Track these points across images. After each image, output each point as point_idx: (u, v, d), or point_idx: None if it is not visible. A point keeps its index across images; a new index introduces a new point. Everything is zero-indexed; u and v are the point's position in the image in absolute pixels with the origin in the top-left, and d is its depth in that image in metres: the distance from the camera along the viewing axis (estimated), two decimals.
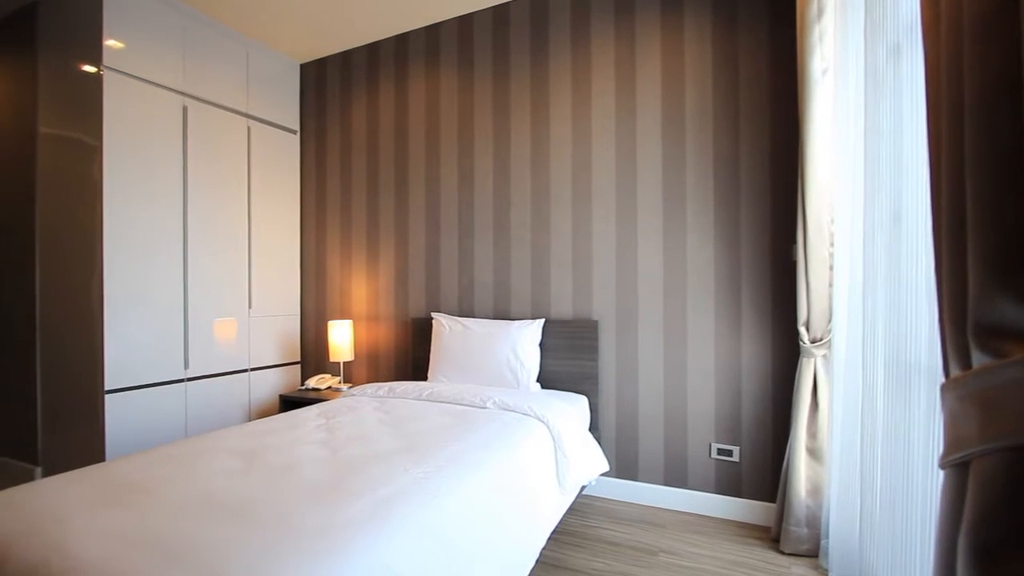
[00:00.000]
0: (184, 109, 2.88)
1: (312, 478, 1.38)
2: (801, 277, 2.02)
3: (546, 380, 2.70)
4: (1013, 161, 0.63)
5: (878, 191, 1.48)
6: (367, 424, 1.98)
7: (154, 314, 2.73)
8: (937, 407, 1.15)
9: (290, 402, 3.06)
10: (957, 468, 0.70)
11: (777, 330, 2.30)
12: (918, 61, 1.24)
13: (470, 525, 1.35)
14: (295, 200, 3.63)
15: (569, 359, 2.67)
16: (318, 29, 3.22)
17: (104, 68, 2.53)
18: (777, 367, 2.30)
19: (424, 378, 2.94)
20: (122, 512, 1.17)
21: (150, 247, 2.71)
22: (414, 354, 3.11)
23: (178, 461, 1.52)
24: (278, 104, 3.49)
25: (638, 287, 2.58)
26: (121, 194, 2.59)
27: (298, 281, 3.65)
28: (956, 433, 0.70)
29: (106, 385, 2.52)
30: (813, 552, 2.00)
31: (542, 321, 2.72)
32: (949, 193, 0.72)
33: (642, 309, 2.57)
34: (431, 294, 3.15)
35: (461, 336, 2.77)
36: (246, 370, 3.24)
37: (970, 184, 0.66)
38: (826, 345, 1.99)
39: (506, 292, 2.92)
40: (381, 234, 3.34)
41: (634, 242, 2.59)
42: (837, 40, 1.85)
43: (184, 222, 2.87)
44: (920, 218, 1.24)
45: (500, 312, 2.93)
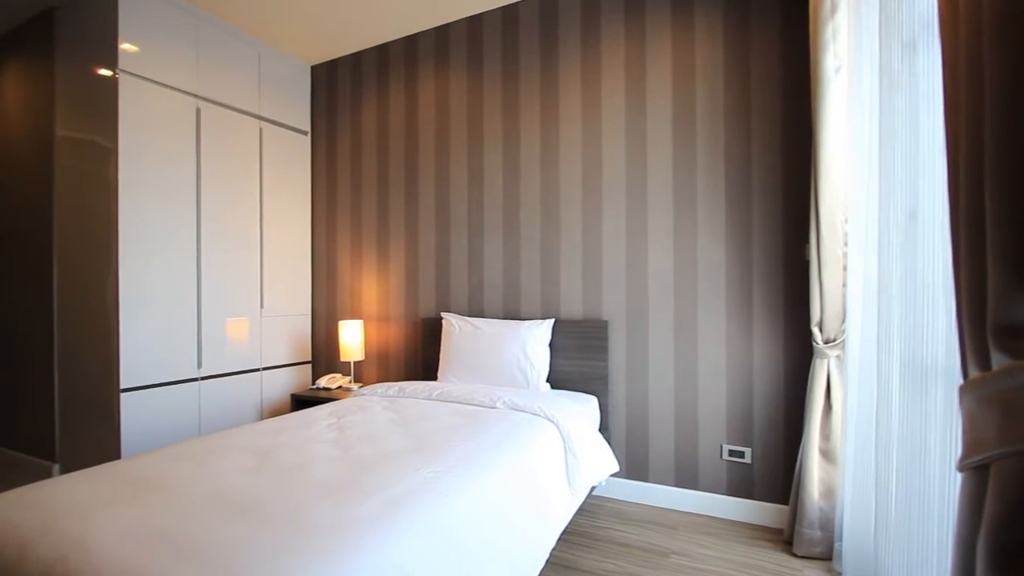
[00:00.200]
0: (197, 111, 2.92)
1: (323, 477, 1.39)
2: (814, 277, 2.00)
3: (556, 380, 2.70)
4: None
5: (893, 189, 1.46)
6: (377, 423, 1.99)
7: (168, 314, 2.76)
8: (955, 409, 1.13)
9: (301, 401, 3.09)
10: (976, 471, 0.69)
11: (789, 330, 2.28)
12: (935, 57, 1.22)
13: (480, 525, 1.35)
14: (306, 201, 3.66)
15: (579, 359, 2.67)
16: (329, 31, 3.24)
17: (119, 71, 2.57)
18: (789, 368, 2.28)
19: (434, 378, 2.95)
20: (137, 509, 1.19)
21: (164, 248, 2.75)
22: (424, 354, 3.12)
23: (192, 459, 1.54)
24: (289, 106, 3.52)
25: (648, 287, 2.57)
26: (136, 195, 2.62)
27: (309, 281, 3.68)
28: (975, 435, 0.69)
29: (121, 384, 2.55)
30: (827, 555, 1.98)
31: (552, 321, 2.71)
32: (967, 191, 0.71)
33: (652, 309, 2.56)
34: (441, 294, 3.16)
35: (471, 336, 2.78)
36: (258, 369, 3.27)
37: (989, 181, 0.65)
38: (840, 346, 1.97)
39: (516, 292, 2.92)
40: (391, 234, 3.36)
41: (644, 242, 2.58)
42: (851, 37, 1.83)
43: (197, 223, 2.91)
44: (937, 216, 1.22)
45: (510, 312, 2.93)
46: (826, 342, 2.00)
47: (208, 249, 2.96)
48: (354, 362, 3.32)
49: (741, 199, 2.38)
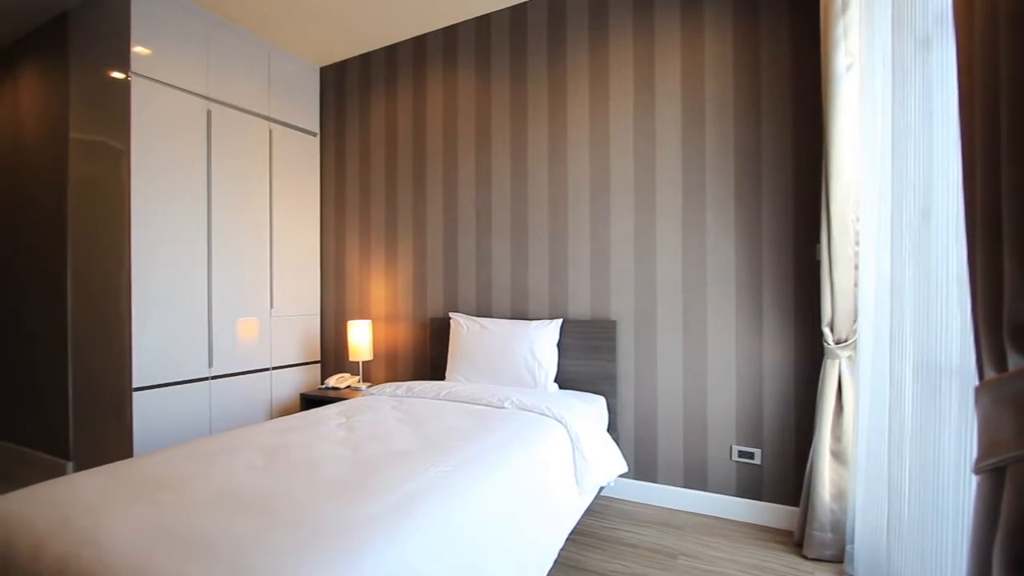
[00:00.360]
0: (208, 113, 2.95)
1: (333, 476, 1.40)
2: (825, 277, 1.98)
3: (564, 380, 2.69)
4: None
5: (906, 188, 1.44)
6: (386, 423, 1.99)
7: (180, 314, 2.79)
8: (970, 410, 1.11)
9: (311, 400, 3.11)
10: (992, 474, 0.68)
11: (800, 331, 2.26)
12: (949, 53, 1.20)
13: (488, 525, 1.35)
14: (315, 201, 3.69)
15: (587, 359, 2.66)
16: (337, 33, 3.26)
17: (132, 74, 2.60)
18: (800, 368, 2.25)
19: (442, 378, 2.95)
20: (149, 507, 1.20)
21: (176, 248, 2.78)
22: (432, 354, 3.13)
23: (203, 458, 1.56)
24: (299, 107, 3.55)
25: (657, 287, 2.56)
26: (148, 197, 2.65)
27: (318, 281, 3.70)
28: (991, 437, 0.68)
29: (134, 383, 2.58)
30: (838, 558, 1.95)
31: (560, 321, 2.71)
32: (983, 188, 0.69)
33: (661, 309, 2.55)
34: (449, 294, 3.17)
35: (479, 336, 2.78)
36: (268, 369, 3.30)
37: (1006, 179, 0.64)
38: (851, 346, 1.94)
39: (524, 292, 2.92)
40: (399, 234, 3.37)
41: (653, 241, 2.57)
42: (863, 34, 1.81)
43: (208, 224, 2.94)
44: (951, 215, 1.20)
45: (518, 312, 2.93)
46: (837, 342, 1.98)
47: (219, 249, 2.99)
48: (363, 362, 3.33)
49: (751, 198, 2.36)
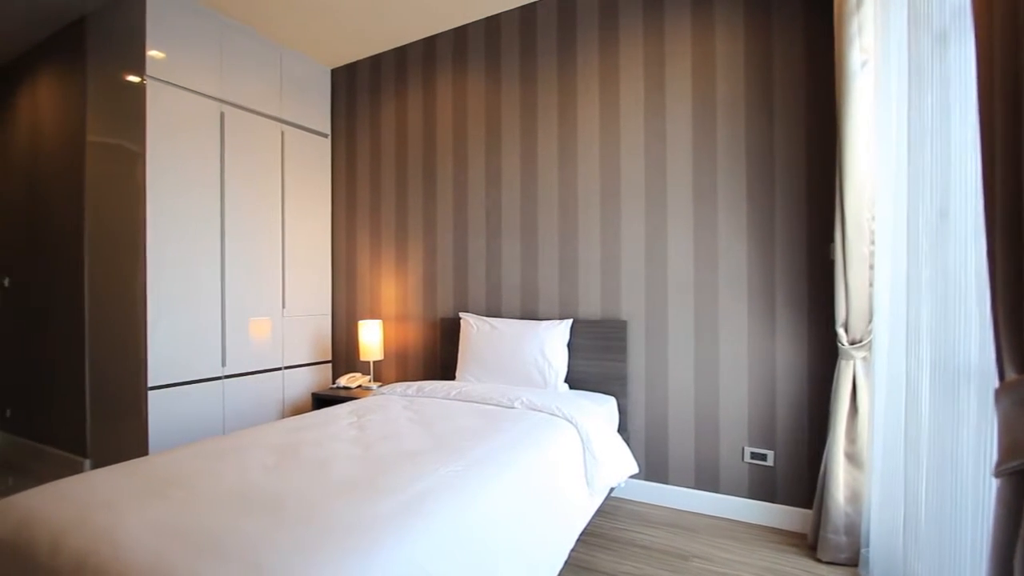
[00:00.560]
0: (221, 115, 2.98)
1: (344, 475, 1.41)
2: (839, 276, 1.96)
3: (574, 381, 2.68)
4: None
5: (923, 186, 1.42)
6: (397, 423, 2.00)
7: (194, 314, 2.83)
8: (990, 412, 1.09)
9: (322, 400, 3.13)
10: (1013, 477, 0.67)
11: (814, 331, 2.23)
12: (967, 49, 1.18)
13: (499, 525, 1.35)
14: (326, 202, 3.71)
15: (597, 359, 2.65)
16: (348, 34, 3.28)
17: (147, 78, 2.64)
18: (814, 369, 2.23)
19: (452, 377, 2.96)
20: (165, 504, 1.22)
21: (189, 249, 2.81)
22: (442, 354, 3.14)
23: (216, 456, 1.57)
24: (310, 108, 3.57)
25: (668, 287, 2.54)
26: (163, 198, 2.69)
27: (329, 282, 3.72)
28: (1012, 440, 0.67)
29: (149, 382, 2.62)
30: (852, 561, 1.93)
31: (570, 321, 2.70)
32: (1004, 186, 0.68)
33: (672, 309, 2.53)
34: (459, 294, 3.18)
35: (489, 336, 2.78)
36: (280, 368, 3.33)
37: None
38: (866, 347, 1.92)
39: (534, 292, 2.92)
40: (410, 235, 3.38)
41: (663, 241, 2.55)
42: (878, 30, 1.78)
43: (221, 225, 2.97)
44: (969, 213, 1.18)
45: (528, 312, 2.93)
46: (852, 343, 1.95)
47: (232, 250, 3.02)
48: (373, 361, 3.35)
49: (763, 197, 2.34)
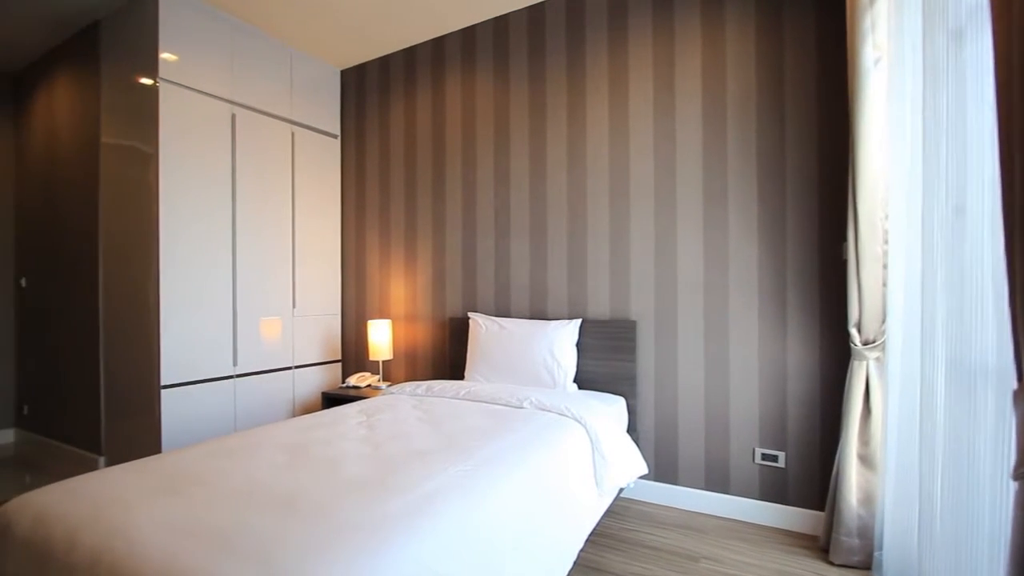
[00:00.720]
0: (233, 117, 3.01)
1: (355, 473, 1.42)
2: (852, 276, 1.93)
3: (583, 381, 2.68)
4: None
5: (938, 184, 1.40)
6: (407, 422, 2.01)
7: (206, 313, 2.86)
8: (1008, 414, 1.07)
9: (332, 399, 3.15)
10: None
11: (826, 331, 2.21)
12: (984, 45, 1.16)
13: (508, 525, 1.35)
14: (336, 202, 3.73)
15: (606, 359, 2.64)
16: (358, 36, 3.30)
17: (160, 80, 2.67)
18: (826, 370, 2.21)
19: (461, 377, 2.97)
20: (178, 501, 1.23)
21: (202, 249, 2.84)
22: (451, 353, 3.14)
23: (229, 454, 1.59)
24: (320, 109, 3.60)
25: (678, 286, 2.53)
26: (175, 199, 2.72)
27: (339, 281, 3.74)
28: None
29: (162, 381, 2.65)
30: (865, 564, 1.90)
31: (579, 321, 2.70)
32: (1023, 182, 0.67)
33: (682, 309, 2.52)
34: (468, 294, 3.18)
35: (498, 336, 2.78)
36: (290, 368, 3.35)
37: None
38: (880, 347, 1.89)
39: (543, 292, 2.91)
40: (419, 235, 3.39)
41: (673, 241, 2.54)
42: (891, 27, 1.76)
43: (233, 225, 3.00)
44: (986, 211, 1.16)
45: (536, 312, 2.93)
46: (865, 343, 1.93)
47: (243, 250, 3.05)
48: (382, 361, 3.36)
49: (774, 196, 2.32)
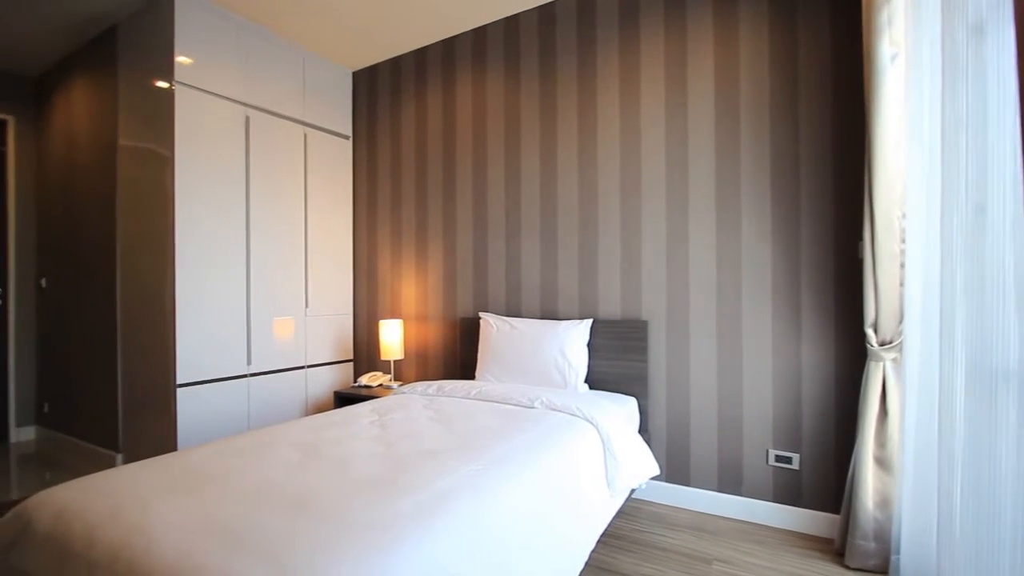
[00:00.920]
0: (247, 119, 3.04)
1: (367, 472, 1.42)
2: (868, 275, 1.91)
3: (594, 381, 2.67)
4: None
5: (958, 182, 1.37)
6: (418, 421, 2.02)
7: (220, 313, 2.89)
8: None
9: (344, 398, 3.17)
10: None
11: (841, 332, 2.18)
12: (1006, 40, 1.14)
13: (520, 524, 1.35)
14: (348, 203, 3.76)
15: (618, 360, 2.63)
16: (369, 38, 3.32)
17: (175, 83, 2.71)
18: (841, 371, 2.18)
19: (472, 377, 2.97)
20: (194, 498, 1.25)
21: (216, 250, 2.88)
22: (462, 353, 3.15)
23: (243, 452, 1.61)
24: (332, 111, 3.62)
25: (690, 286, 2.51)
26: (191, 201, 2.75)
27: (351, 282, 3.77)
28: None
29: (177, 379, 2.69)
30: (882, 568, 1.87)
31: (590, 321, 2.69)
32: None
33: (694, 309, 2.50)
34: (479, 294, 3.18)
35: (508, 336, 2.78)
36: (303, 367, 3.38)
37: None
38: (897, 348, 1.86)
39: (553, 292, 2.91)
40: (430, 235, 3.40)
41: (685, 240, 2.52)
42: (908, 22, 1.73)
43: (247, 226, 3.03)
44: (1008, 209, 1.14)
45: (547, 312, 2.92)
46: (881, 344, 1.90)
47: (257, 251, 3.08)
48: (394, 361, 3.38)
49: (788, 195, 2.29)
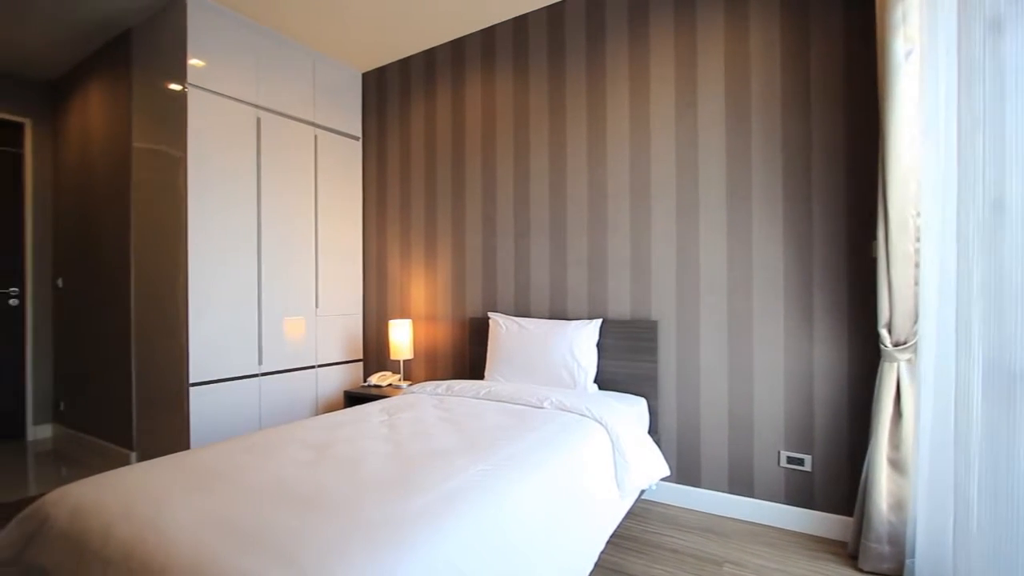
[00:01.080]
0: (258, 120, 3.07)
1: (378, 471, 1.43)
2: (882, 275, 1.88)
3: (604, 381, 2.66)
4: None
5: (975, 180, 1.35)
6: (428, 421, 2.02)
7: (232, 313, 2.92)
8: None
9: (354, 398, 3.19)
10: None
11: (854, 332, 2.15)
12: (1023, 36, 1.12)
13: (529, 525, 1.35)
14: (357, 204, 3.78)
15: (627, 360, 2.62)
16: (379, 39, 3.33)
17: (188, 85, 2.74)
18: (854, 372, 2.15)
19: (481, 377, 2.97)
20: (207, 496, 1.26)
21: (228, 250, 2.91)
22: (471, 353, 3.15)
23: (255, 451, 1.62)
24: (342, 112, 3.65)
25: (700, 286, 2.49)
26: (203, 202, 2.79)
27: (360, 282, 3.79)
28: None
29: (190, 379, 2.72)
30: (896, 572, 1.85)
31: (599, 321, 2.68)
32: None
33: (704, 309, 2.48)
34: (488, 294, 3.19)
35: (518, 336, 2.78)
36: (313, 366, 3.40)
37: None
38: (911, 349, 1.84)
39: (563, 292, 2.90)
40: (439, 235, 3.41)
41: (696, 240, 2.51)
42: (924, 18, 1.71)
43: (258, 226, 3.06)
44: None
45: (557, 312, 2.92)
46: (895, 345, 1.88)
47: (268, 251, 3.11)
48: (403, 360, 3.39)
49: (800, 194, 2.27)
